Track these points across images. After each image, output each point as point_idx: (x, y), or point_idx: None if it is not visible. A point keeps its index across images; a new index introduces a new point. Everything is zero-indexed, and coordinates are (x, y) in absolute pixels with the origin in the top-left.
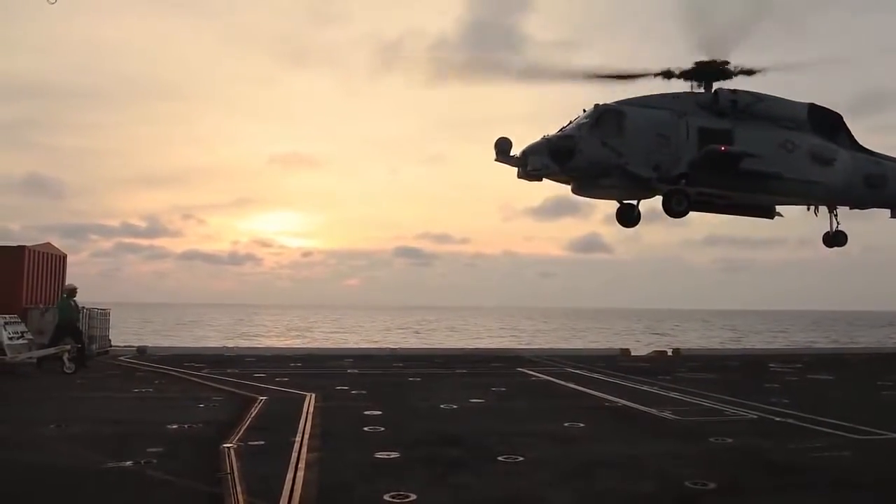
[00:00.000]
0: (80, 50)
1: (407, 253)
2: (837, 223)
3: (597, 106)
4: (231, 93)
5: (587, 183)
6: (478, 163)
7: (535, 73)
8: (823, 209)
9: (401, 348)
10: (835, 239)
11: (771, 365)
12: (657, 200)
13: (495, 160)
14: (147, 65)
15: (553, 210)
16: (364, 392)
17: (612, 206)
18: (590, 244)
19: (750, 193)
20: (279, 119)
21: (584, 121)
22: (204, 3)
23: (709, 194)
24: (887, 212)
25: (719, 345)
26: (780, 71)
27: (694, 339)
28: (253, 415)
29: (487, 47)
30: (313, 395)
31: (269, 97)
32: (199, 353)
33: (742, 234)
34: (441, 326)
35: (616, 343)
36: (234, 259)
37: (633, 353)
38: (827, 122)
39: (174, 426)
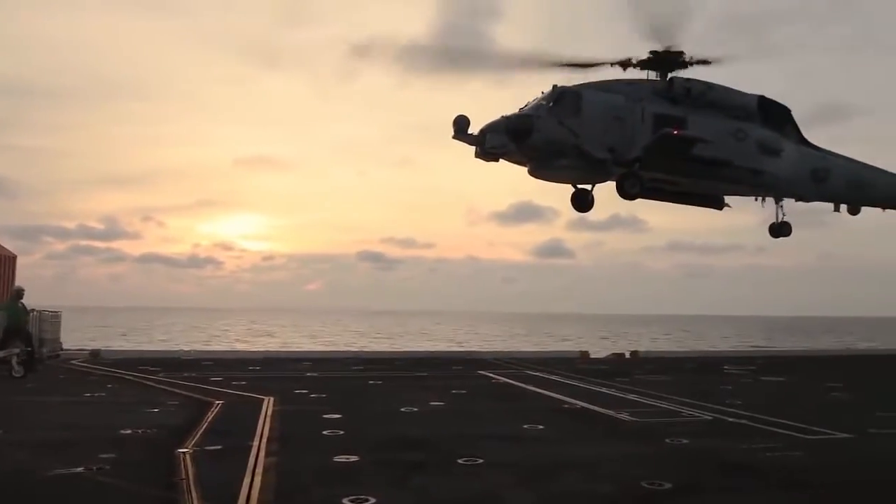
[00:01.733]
0: (39, 48)
1: (370, 257)
2: (783, 214)
3: (555, 87)
4: (198, 94)
5: (544, 163)
6: (445, 167)
7: (503, 65)
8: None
9: (361, 351)
10: (780, 230)
11: (725, 367)
12: (619, 204)
13: (453, 137)
14: (110, 64)
15: (517, 215)
16: (323, 395)
17: (577, 215)
18: (552, 249)
19: (701, 180)
20: (246, 121)
21: (543, 101)
22: (172, 3)
23: (661, 180)
24: (844, 219)
25: (676, 347)
26: (737, 62)
27: (652, 343)
28: (209, 419)
29: (459, 51)
30: (271, 399)
31: (237, 99)
32: (155, 356)
33: (702, 240)
34: (402, 330)
35: (576, 346)
36: (194, 262)
37: (591, 356)
38: (776, 115)
39: (127, 431)
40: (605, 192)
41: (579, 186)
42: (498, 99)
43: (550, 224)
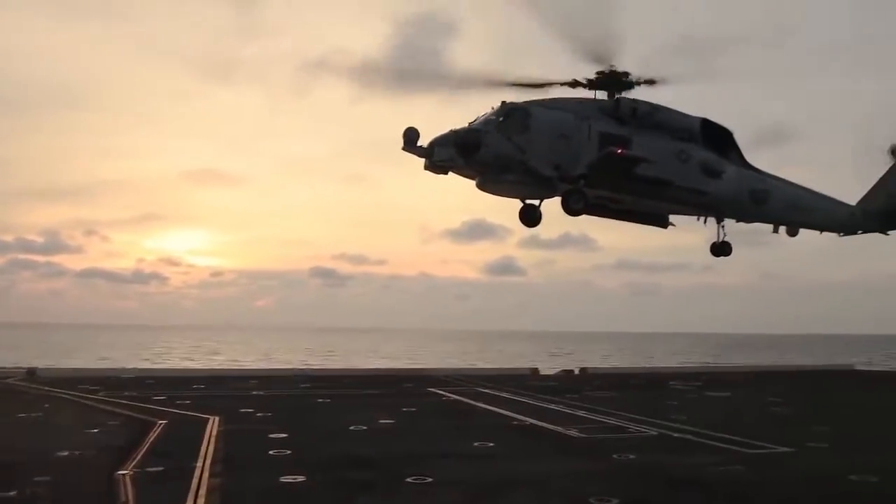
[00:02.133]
0: None
1: (322, 273)
2: (724, 234)
3: (503, 103)
4: (145, 105)
5: (491, 178)
6: (398, 184)
7: (457, 88)
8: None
9: (310, 369)
10: (721, 249)
11: (671, 383)
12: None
13: (402, 149)
14: (52, 72)
15: (470, 233)
16: (270, 414)
17: (529, 233)
18: (505, 267)
19: (644, 198)
20: (195, 134)
21: (492, 117)
22: (121, 11)
23: (606, 198)
24: (784, 240)
25: (624, 364)
26: (682, 83)
27: (601, 359)
28: (151, 440)
29: (414, 65)
30: (216, 419)
31: (187, 111)
32: (95, 375)
33: (650, 259)
34: (353, 348)
35: (526, 363)
36: (139, 278)
37: (541, 373)
38: (718, 137)
39: (64, 453)
40: (556, 211)
41: (527, 202)
42: (450, 116)
43: (503, 242)
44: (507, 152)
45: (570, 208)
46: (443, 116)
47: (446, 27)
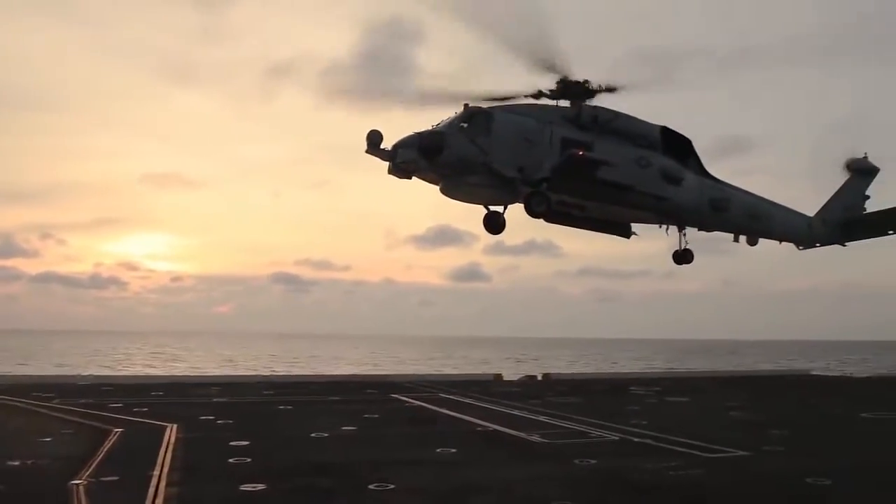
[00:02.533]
0: None
1: (284, 279)
2: (686, 242)
3: (467, 106)
4: (106, 107)
5: (454, 181)
6: (363, 190)
7: (422, 99)
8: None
9: (272, 375)
10: (683, 256)
11: (632, 388)
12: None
13: (366, 152)
14: (8, 72)
15: (435, 239)
16: (231, 422)
17: (494, 239)
18: (469, 273)
19: (606, 204)
20: (157, 137)
21: (455, 120)
22: (81, 12)
23: (569, 204)
24: (744, 248)
25: (587, 370)
26: (643, 91)
27: (564, 365)
28: (106, 448)
29: (379, 74)
30: (175, 426)
31: (148, 113)
32: (49, 381)
33: (612, 266)
34: (316, 354)
35: (490, 369)
36: (96, 283)
37: (505, 378)
38: (678, 145)
39: (15, 462)
40: (522, 217)
41: (491, 208)
42: (415, 123)
43: (469, 248)
44: (470, 154)
45: (533, 211)
46: (410, 121)
47: (414, 34)
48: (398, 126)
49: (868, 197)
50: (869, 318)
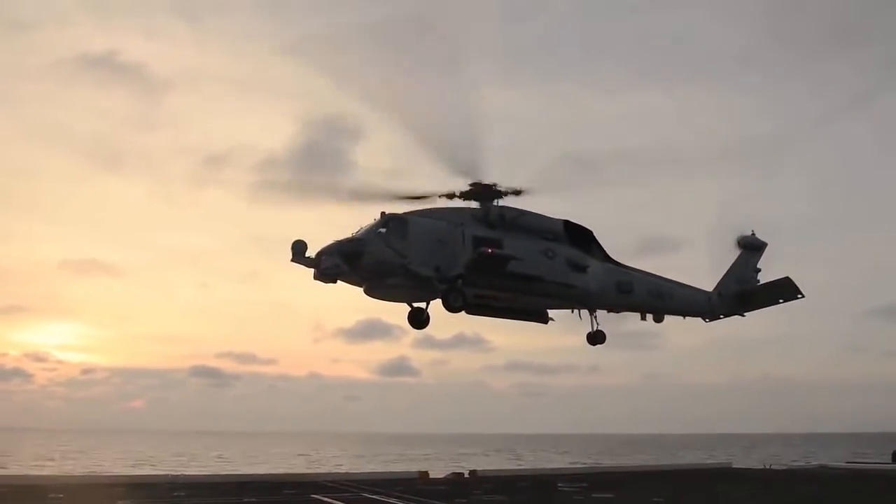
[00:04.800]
0: None
1: (204, 372)
2: (598, 324)
3: (383, 213)
4: (25, 189)
5: (376, 283)
6: (294, 282)
7: (353, 196)
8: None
9: (183, 475)
10: (595, 337)
11: (560, 484)
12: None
13: (291, 261)
14: None
15: (364, 332)
16: None
17: (423, 333)
18: (398, 368)
19: (519, 294)
20: (82, 222)
21: (373, 226)
22: (7, 93)
23: (485, 296)
24: (666, 340)
25: (514, 466)
26: (548, 193)
27: (492, 462)
28: None
29: (315, 170)
30: None
31: (71, 198)
32: None
33: (539, 360)
34: (232, 452)
35: (417, 466)
36: None
37: (431, 476)
38: (580, 236)
39: None
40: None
41: (414, 305)
42: (347, 217)
43: (398, 342)
44: (388, 258)
45: (451, 306)
46: (342, 215)
47: (349, 132)
48: (328, 220)
49: (759, 270)
50: (787, 411)
